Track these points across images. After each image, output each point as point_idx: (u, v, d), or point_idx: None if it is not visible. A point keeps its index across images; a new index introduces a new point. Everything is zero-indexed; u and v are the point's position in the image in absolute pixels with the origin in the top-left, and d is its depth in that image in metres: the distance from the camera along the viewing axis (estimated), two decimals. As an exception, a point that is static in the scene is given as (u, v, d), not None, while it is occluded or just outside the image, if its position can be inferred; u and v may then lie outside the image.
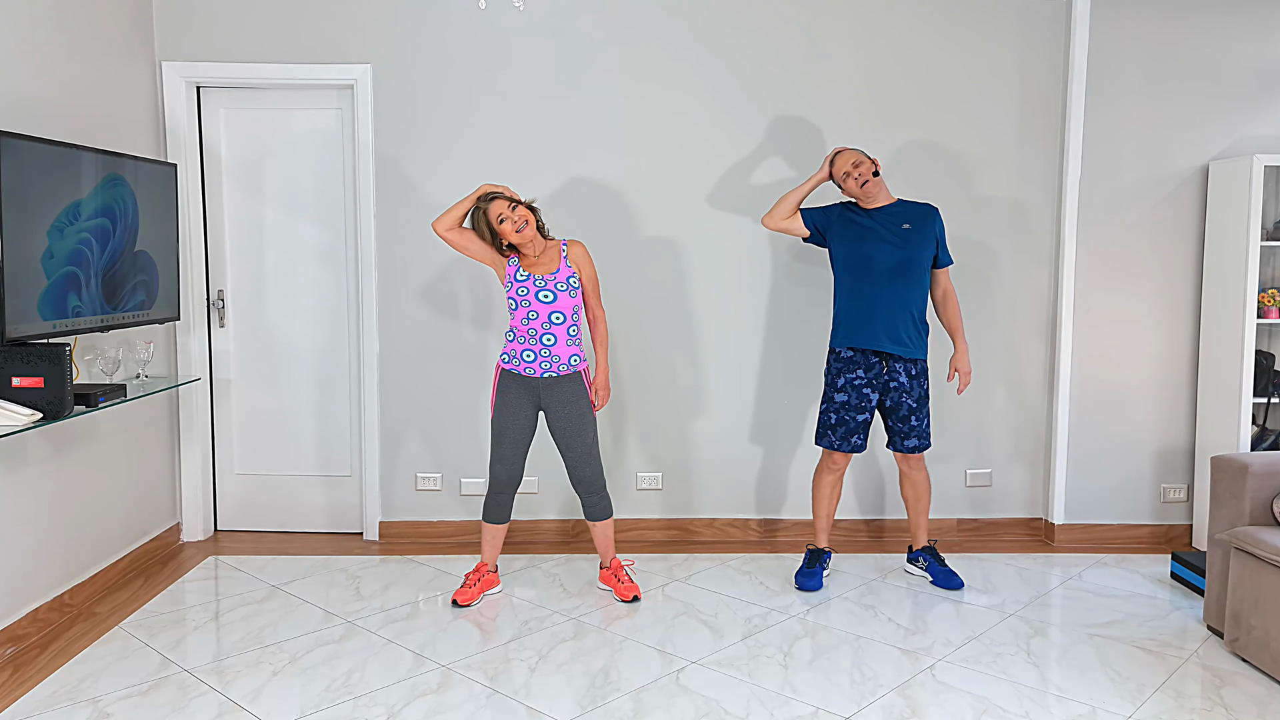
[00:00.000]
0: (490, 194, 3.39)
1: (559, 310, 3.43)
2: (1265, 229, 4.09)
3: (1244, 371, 3.97)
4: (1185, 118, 4.20)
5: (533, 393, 3.50)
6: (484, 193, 3.39)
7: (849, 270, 3.64)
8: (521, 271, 3.45)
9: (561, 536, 4.36)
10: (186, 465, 4.28)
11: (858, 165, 3.60)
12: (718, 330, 4.29)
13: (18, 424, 2.81)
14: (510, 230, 3.35)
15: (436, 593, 3.69)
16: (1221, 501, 3.29)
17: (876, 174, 3.62)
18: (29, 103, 3.24)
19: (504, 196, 3.38)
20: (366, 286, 4.22)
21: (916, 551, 3.90)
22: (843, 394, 3.67)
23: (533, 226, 3.38)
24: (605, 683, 2.93)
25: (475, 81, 4.16)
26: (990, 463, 4.39)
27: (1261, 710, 2.77)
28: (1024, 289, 4.31)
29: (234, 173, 4.27)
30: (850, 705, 2.79)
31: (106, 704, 2.77)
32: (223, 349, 4.34)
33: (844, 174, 3.62)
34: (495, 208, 3.37)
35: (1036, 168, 4.26)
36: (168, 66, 4.10)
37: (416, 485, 4.34)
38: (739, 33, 4.17)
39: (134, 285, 3.48)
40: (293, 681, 2.92)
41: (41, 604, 3.30)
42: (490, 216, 3.37)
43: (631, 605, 3.57)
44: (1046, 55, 4.22)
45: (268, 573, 3.90)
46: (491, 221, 3.37)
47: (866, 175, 3.59)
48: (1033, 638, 3.29)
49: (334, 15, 4.12)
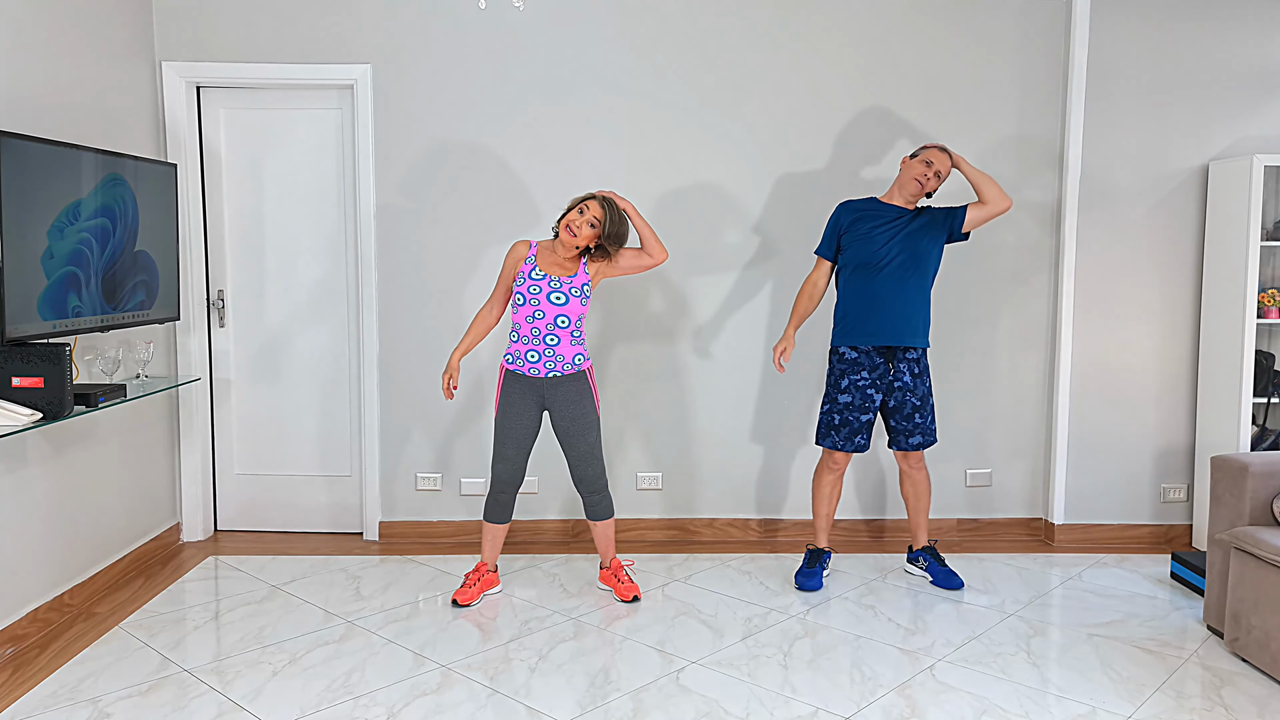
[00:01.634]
0: (605, 198, 3.41)
1: (565, 314, 3.43)
2: (1265, 229, 4.09)
3: (1244, 371, 3.97)
4: (1185, 118, 4.20)
5: (536, 393, 3.50)
6: (600, 195, 3.41)
7: (858, 268, 3.64)
8: (538, 270, 3.44)
9: (562, 536, 4.36)
10: (186, 465, 4.28)
11: (939, 176, 3.60)
12: (718, 330, 4.29)
13: (18, 424, 2.81)
14: (579, 222, 3.36)
15: (436, 593, 3.69)
16: (1221, 501, 3.29)
17: (930, 195, 3.69)
18: (29, 103, 3.24)
19: (609, 205, 3.38)
20: (366, 286, 4.22)
21: (916, 551, 3.90)
22: (846, 394, 3.67)
23: (586, 240, 3.38)
24: (605, 682, 2.93)
25: (475, 81, 4.16)
26: (990, 463, 4.39)
27: (1261, 710, 2.77)
28: (1024, 288, 4.31)
29: (234, 173, 4.27)
30: (850, 705, 2.79)
31: (106, 704, 2.77)
32: (223, 349, 4.34)
33: (925, 164, 3.59)
34: (593, 208, 3.37)
35: (1036, 167, 4.26)
36: (168, 66, 4.10)
37: (416, 485, 4.34)
38: (738, 34, 4.17)
39: (134, 285, 3.48)
40: (293, 681, 2.92)
41: (41, 604, 3.31)
42: (582, 205, 3.38)
43: (631, 605, 3.57)
44: (1046, 55, 4.22)
45: (268, 573, 3.90)
46: (575, 210, 3.38)
47: (933, 187, 3.62)
48: (1032, 638, 3.29)
49: (334, 15, 4.12)
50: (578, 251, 3.46)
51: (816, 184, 4.23)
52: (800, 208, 4.24)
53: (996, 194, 3.59)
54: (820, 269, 3.76)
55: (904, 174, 3.64)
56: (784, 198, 4.24)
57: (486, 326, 3.58)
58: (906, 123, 4.22)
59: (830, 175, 4.23)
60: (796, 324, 3.76)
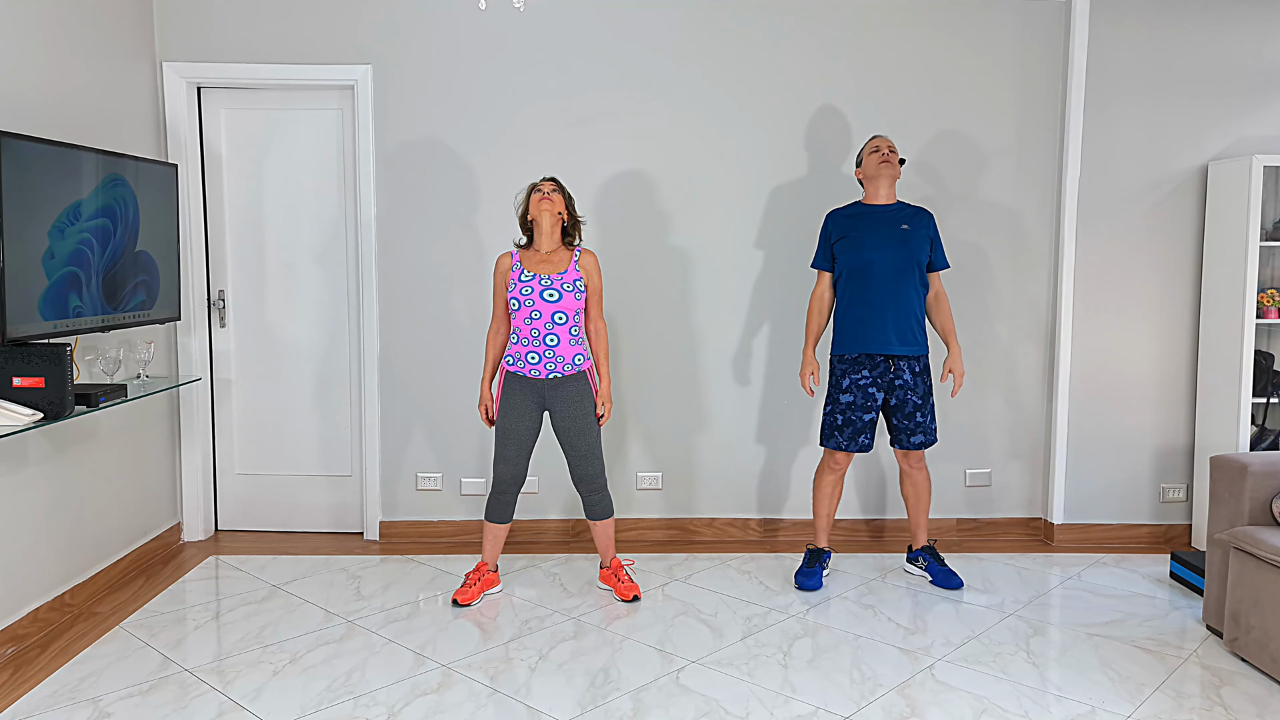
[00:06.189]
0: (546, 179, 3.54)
1: (562, 310, 3.44)
2: (1264, 229, 4.09)
3: (1243, 371, 3.97)
4: (1184, 118, 4.20)
5: (537, 394, 3.51)
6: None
7: (851, 277, 3.65)
8: (526, 272, 3.46)
9: (562, 536, 4.36)
10: (187, 465, 4.28)
11: (893, 149, 3.67)
12: (719, 330, 4.30)
13: (18, 424, 2.82)
14: (538, 199, 3.45)
15: (437, 592, 3.69)
16: (1221, 501, 3.29)
17: (903, 161, 3.71)
18: (30, 103, 3.24)
19: (556, 184, 3.51)
20: (366, 286, 4.22)
21: (916, 551, 3.90)
22: (848, 394, 3.67)
23: (558, 209, 3.46)
24: (605, 682, 2.93)
25: (475, 82, 4.16)
26: (990, 463, 4.40)
27: (1261, 710, 2.77)
28: (1024, 289, 4.31)
29: (234, 173, 4.27)
30: (850, 705, 2.80)
31: (107, 704, 2.78)
32: (223, 349, 4.34)
33: (875, 150, 3.65)
34: (541, 184, 3.49)
35: (1036, 167, 4.26)
36: (168, 66, 4.11)
37: (417, 485, 4.34)
38: (739, 35, 4.17)
39: (135, 285, 3.48)
40: (293, 681, 2.92)
41: (42, 604, 3.31)
42: (533, 187, 3.50)
43: (631, 605, 3.57)
44: (1046, 55, 4.22)
45: (268, 572, 3.90)
46: (533, 195, 3.49)
47: (891, 158, 3.64)
48: (1032, 637, 3.29)
49: (334, 15, 4.13)
50: (560, 229, 3.51)
51: (816, 185, 4.24)
52: (800, 210, 4.24)
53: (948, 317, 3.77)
54: (822, 281, 3.78)
55: (869, 171, 3.68)
56: (784, 200, 4.24)
57: (501, 345, 3.62)
58: (906, 123, 4.22)
59: (830, 176, 4.23)
60: (814, 343, 3.78)
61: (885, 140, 3.69)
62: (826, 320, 3.81)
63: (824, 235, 3.75)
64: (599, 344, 3.61)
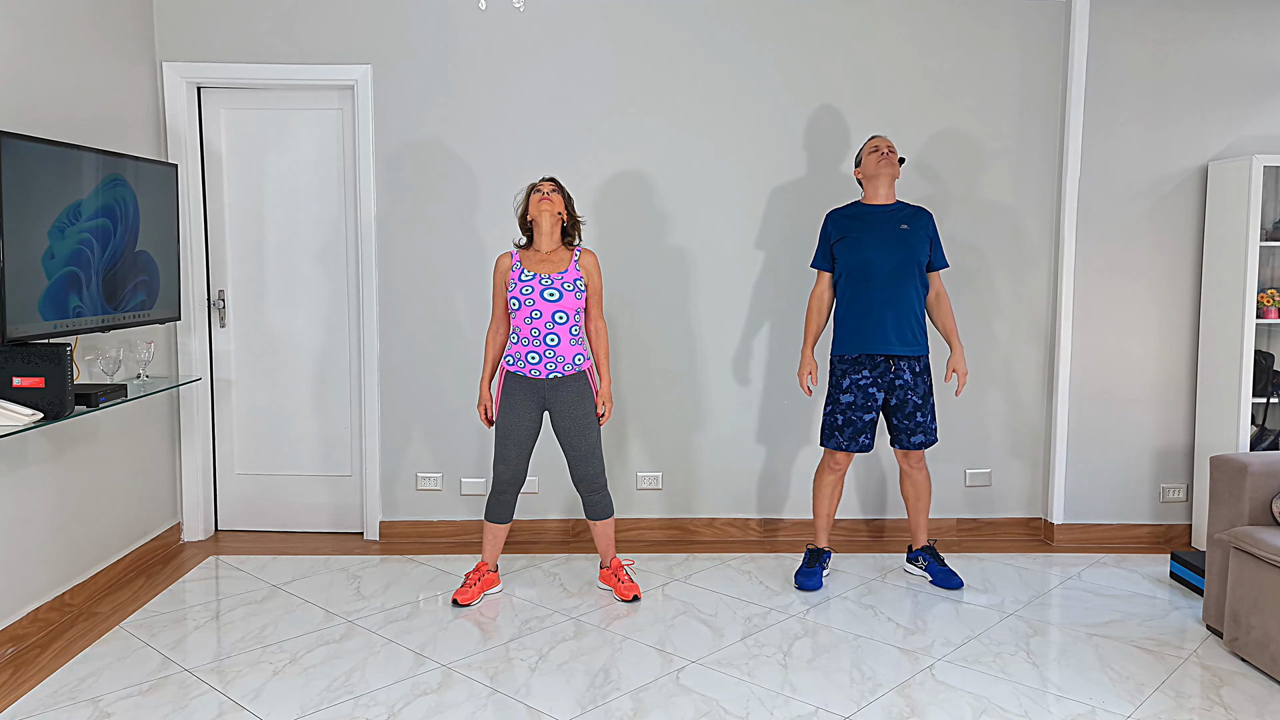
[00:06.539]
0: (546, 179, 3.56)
1: (563, 310, 3.44)
2: (1264, 229, 4.09)
3: (1243, 371, 3.97)
4: (1184, 118, 4.20)
5: (537, 394, 3.51)
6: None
7: (851, 277, 3.65)
8: (526, 272, 3.46)
9: (562, 536, 4.36)
10: (187, 465, 4.28)
11: (892, 148, 3.67)
12: (719, 330, 4.30)
13: (18, 424, 2.82)
14: (537, 200, 3.46)
15: (437, 592, 3.69)
16: (1221, 501, 3.29)
17: (902, 160, 3.73)
18: (30, 103, 3.24)
19: (555, 184, 3.51)
20: (366, 286, 4.22)
21: (916, 551, 3.90)
22: (848, 394, 3.67)
23: (557, 209, 3.46)
24: (605, 682, 2.93)
25: (475, 82, 4.17)
26: (990, 463, 4.40)
27: (1261, 710, 2.77)
28: (1024, 289, 4.31)
29: (234, 173, 4.27)
30: (850, 705, 2.80)
31: (107, 704, 2.78)
32: (223, 349, 4.34)
33: (875, 150, 3.66)
34: (541, 184, 3.50)
35: (1036, 167, 4.26)
36: (168, 66, 4.11)
37: (417, 485, 4.34)
38: (739, 37, 4.17)
39: (135, 285, 3.48)
40: (293, 681, 2.92)
41: (42, 604, 3.31)
42: (532, 187, 3.51)
43: (631, 605, 3.57)
44: (1046, 55, 4.23)
45: (268, 572, 3.90)
46: (532, 195, 3.49)
47: (891, 158, 3.64)
48: (1032, 637, 3.29)
49: (334, 16, 4.13)
50: (560, 228, 3.51)
51: (816, 185, 4.24)
52: (799, 210, 4.24)
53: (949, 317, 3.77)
54: (821, 282, 3.78)
55: (868, 171, 3.68)
56: (783, 200, 4.24)
57: (500, 345, 3.62)
58: (906, 123, 4.22)
59: (830, 177, 4.23)
60: (812, 343, 3.78)
61: (884, 140, 3.69)
62: (826, 320, 3.81)
63: (823, 235, 3.75)
64: (599, 344, 3.62)
